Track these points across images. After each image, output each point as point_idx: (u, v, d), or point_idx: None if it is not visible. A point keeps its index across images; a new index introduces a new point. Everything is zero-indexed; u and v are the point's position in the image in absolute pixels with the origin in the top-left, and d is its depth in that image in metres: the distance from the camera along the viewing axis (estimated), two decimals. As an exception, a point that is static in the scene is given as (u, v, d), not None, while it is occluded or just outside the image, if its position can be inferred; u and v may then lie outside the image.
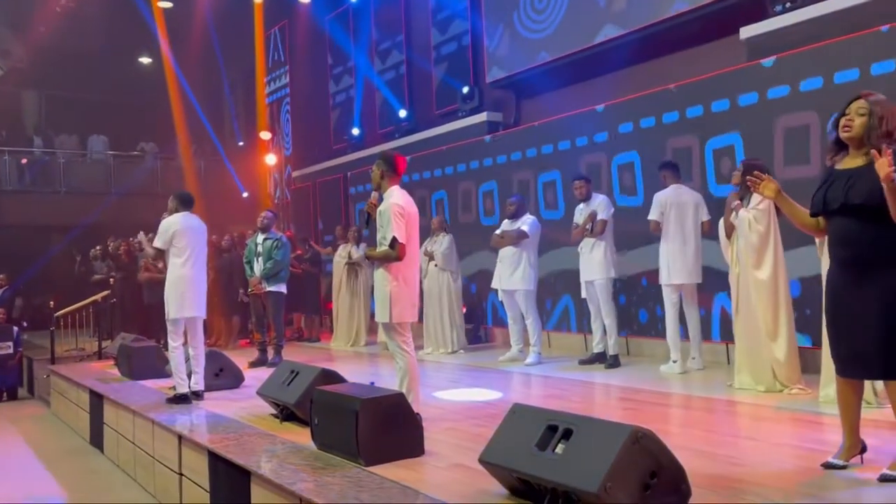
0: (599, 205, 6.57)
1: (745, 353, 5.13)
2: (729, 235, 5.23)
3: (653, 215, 6.06)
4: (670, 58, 7.49)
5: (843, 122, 3.10)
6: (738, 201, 5.14)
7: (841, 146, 3.15)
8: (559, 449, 2.74)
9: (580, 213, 6.70)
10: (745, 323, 5.12)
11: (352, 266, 9.35)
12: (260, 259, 7.82)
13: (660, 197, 6.05)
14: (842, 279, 3.07)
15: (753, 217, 5.03)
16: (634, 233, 6.84)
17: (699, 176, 6.57)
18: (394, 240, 4.18)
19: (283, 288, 7.91)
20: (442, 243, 8.08)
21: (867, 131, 3.01)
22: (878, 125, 2.98)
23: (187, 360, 5.69)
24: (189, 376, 5.67)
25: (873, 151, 2.91)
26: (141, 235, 6.67)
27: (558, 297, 8.08)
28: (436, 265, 8.05)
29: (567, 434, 2.76)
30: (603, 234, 6.50)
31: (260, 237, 7.93)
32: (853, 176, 3.03)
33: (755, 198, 5.02)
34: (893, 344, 2.94)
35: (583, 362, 6.72)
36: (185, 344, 5.68)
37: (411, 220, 4.30)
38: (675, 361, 6.04)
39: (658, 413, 4.76)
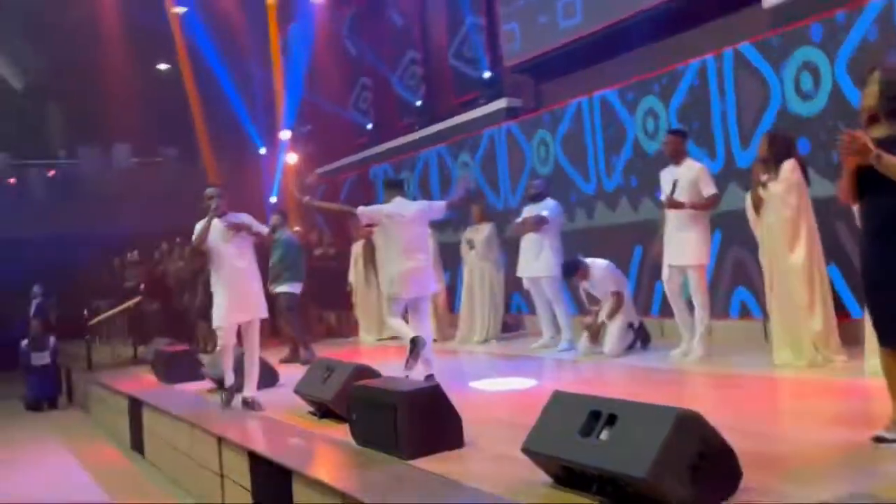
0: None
1: (784, 329, 4.99)
2: (758, 209, 5.04)
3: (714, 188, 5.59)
4: (692, 32, 7.34)
5: (863, 93, 3.16)
6: (767, 174, 4.96)
7: (875, 117, 3.12)
8: (604, 435, 2.70)
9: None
10: (781, 299, 4.98)
11: (366, 260, 9.38)
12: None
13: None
14: (873, 248, 3.06)
15: (785, 190, 4.86)
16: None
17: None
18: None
19: (289, 287, 7.71)
20: (482, 231, 8.03)
21: (878, 100, 3.05)
22: (883, 92, 3.03)
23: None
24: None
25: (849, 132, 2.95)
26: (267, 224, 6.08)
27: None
28: (476, 253, 8.00)
29: (611, 420, 2.72)
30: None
31: None
32: (878, 145, 2.98)
33: (785, 169, 4.87)
34: None
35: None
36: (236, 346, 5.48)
37: (396, 218, 5.50)
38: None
39: (699, 394, 4.69)
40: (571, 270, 6.39)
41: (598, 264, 6.38)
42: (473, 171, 9.48)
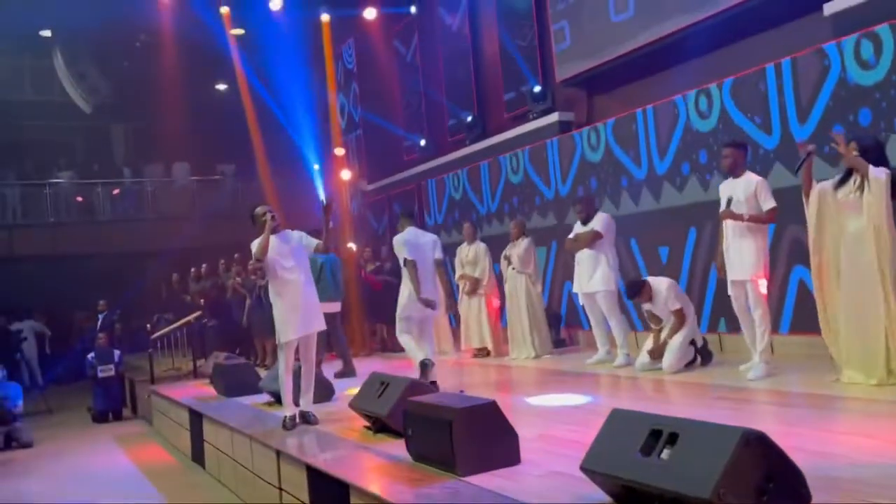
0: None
1: (855, 346, 4.78)
2: (807, 196, 4.89)
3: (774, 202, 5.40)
4: (748, 41, 7.21)
5: None
6: (854, 179, 4.69)
7: None
8: (665, 454, 2.65)
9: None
10: (853, 314, 4.74)
11: None
12: None
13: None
14: None
15: (874, 199, 4.57)
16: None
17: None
18: (404, 260, 6.09)
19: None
20: (520, 247, 8.02)
21: None
22: None
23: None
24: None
25: None
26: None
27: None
28: (513, 268, 7.98)
29: (672, 438, 2.66)
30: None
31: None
32: None
33: (875, 175, 4.60)
34: None
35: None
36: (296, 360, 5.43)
37: (415, 247, 6.12)
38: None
39: (761, 412, 4.55)
40: (636, 292, 6.28)
41: (660, 283, 6.29)
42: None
